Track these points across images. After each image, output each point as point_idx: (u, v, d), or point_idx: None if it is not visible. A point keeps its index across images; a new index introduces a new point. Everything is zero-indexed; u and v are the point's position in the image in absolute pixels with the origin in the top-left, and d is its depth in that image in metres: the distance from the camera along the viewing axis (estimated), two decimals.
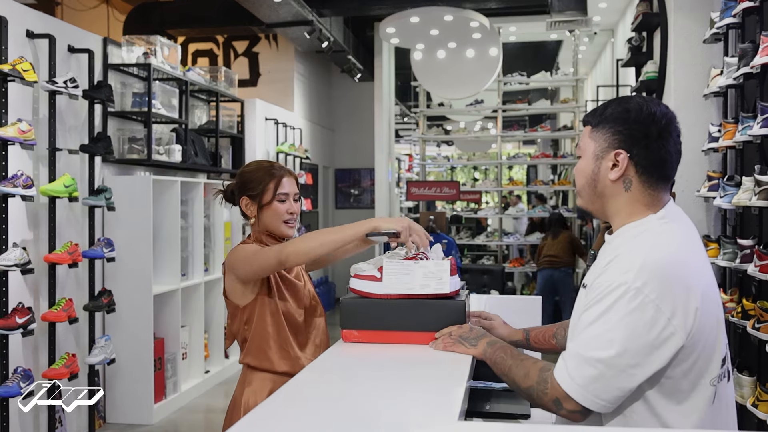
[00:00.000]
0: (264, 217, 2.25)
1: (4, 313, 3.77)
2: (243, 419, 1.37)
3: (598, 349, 1.43)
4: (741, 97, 3.82)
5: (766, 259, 3.20)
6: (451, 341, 1.81)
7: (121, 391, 5.00)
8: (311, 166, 10.13)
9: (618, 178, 1.54)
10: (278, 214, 2.24)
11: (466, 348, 1.78)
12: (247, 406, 2.17)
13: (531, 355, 1.69)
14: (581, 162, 1.61)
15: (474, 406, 1.81)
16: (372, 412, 1.43)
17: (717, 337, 1.48)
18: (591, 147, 1.58)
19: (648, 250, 1.45)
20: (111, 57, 5.11)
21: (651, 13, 5.23)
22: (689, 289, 1.43)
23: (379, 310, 1.89)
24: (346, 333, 1.91)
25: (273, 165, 2.29)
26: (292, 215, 2.25)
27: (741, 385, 3.45)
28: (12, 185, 3.73)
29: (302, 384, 1.67)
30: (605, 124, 1.56)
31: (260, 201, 2.24)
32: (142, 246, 4.95)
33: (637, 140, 1.52)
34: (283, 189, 2.24)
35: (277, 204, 2.24)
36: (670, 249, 1.46)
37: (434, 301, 1.87)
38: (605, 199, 1.58)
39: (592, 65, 10.69)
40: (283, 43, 9.52)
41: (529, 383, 1.56)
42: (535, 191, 10.35)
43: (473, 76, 8.04)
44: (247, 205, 2.27)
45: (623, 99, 1.60)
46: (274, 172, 2.25)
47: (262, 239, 2.27)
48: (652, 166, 1.53)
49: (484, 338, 1.78)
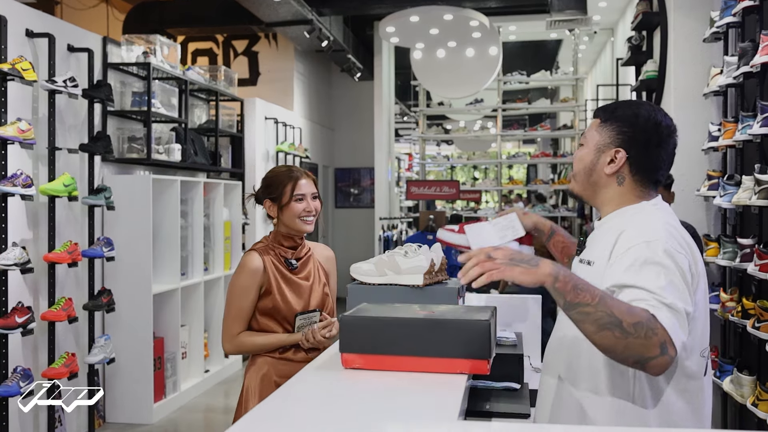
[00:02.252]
0: (284, 217, 2.48)
1: (4, 312, 3.77)
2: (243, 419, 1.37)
3: (673, 296, 1.46)
4: (741, 96, 3.81)
5: (766, 258, 3.20)
6: (499, 266, 1.46)
7: (121, 390, 5.00)
8: (311, 165, 10.12)
9: (613, 173, 1.69)
10: (296, 213, 2.47)
11: (525, 270, 1.45)
12: (248, 390, 2.45)
13: None
14: (583, 150, 1.75)
15: (474, 406, 1.80)
16: (372, 411, 1.42)
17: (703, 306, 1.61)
18: (595, 139, 1.72)
19: (654, 221, 1.61)
20: (110, 56, 5.11)
21: (651, 12, 5.22)
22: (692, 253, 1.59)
23: (388, 331, 1.60)
24: (347, 358, 1.63)
25: (291, 169, 2.54)
26: (309, 213, 2.48)
27: (741, 385, 3.45)
28: (11, 184, 3.73)
29: (302, 383, 1.67)
30: (614, 122, 1.70)
31: (280, 202, 2.48)
32: (142, 245, 4.95)
33: (638, 144, 1.67)
34: (300, 190, 2.48)
35: (295, 204, 2.47)
36: (669, 222, 1.63)
37: (454, 321, 1.58)
38: (598, 188, 1.72)
39: (592, 64, 10.69)
40: (282, 43, 9.51)
41: (637, 319, 1.40)
42: (534, 190, 10.34)
43: (473, 75, 8.03)
44: (270, 207, 2.52)
45: (635, 103, 1.75)
46: (291, 175, 2.50)
47: (280, 240, 2.52)
48: (646, 169, 1.68)
49: (543, 259, 1.49)
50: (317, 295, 2.53)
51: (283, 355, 2.45)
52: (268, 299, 2.45)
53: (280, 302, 2.44)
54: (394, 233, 8.92)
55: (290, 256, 2.51)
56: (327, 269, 2.63)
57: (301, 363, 2.25)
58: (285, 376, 2.26)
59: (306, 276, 2.53)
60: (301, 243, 2.56)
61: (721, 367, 3.71)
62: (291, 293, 2.47)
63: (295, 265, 2.50)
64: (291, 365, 2.40)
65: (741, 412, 3.60)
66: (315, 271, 2.56)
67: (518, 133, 9.50)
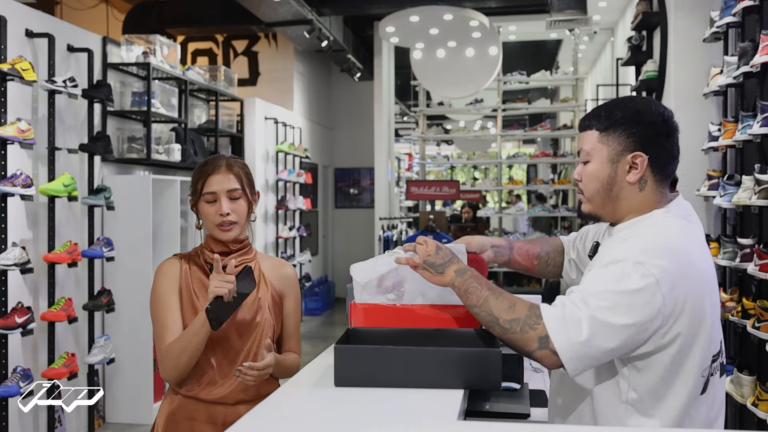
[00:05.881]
0: (203, 220, 2.03)
1: (4, 312, 3.76)
2: (244, 418, 1.36)
3: (595, 298, 1.46)
4: (741, 96, 3.81)
5: (766, 258, 3.19)
6: (415, 265, 1.69)
7: (121, 390, 4.99)
8: (311, 165, 10.13)
9: (636, 180, 1.57)
10: (208, 217, 2.00)
11: (431, 275, 1.66)
12: (156, 425, 2.04)
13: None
14: (592, 167, 1.61)
15: (474, 406, 1.80)
16: (372, 411, 1.42)
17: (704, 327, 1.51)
18: (604, 151, 1.59)
19: (652, 236, 1.52)
20: (110, 56, 5.11)
21: (651, 12, 5.22)
22: (684, 274, 1.48)
23: (390, 361, 1.50)
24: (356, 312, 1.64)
25: (207, 161, 2.05)
26: (223, 217, 1.97)
27: (741, 385, 3.45)
28: (11, 184, 3.72)
29: (301, 384, 1.67)
30: (617, 127, 1.58)
31: (193, 202, 2.05)
32: (142, 245, 4.95)
33: (651, 140, 1.56)
34: (210, 188, 1.98)
35: (204, 205, 2.00)
36: (670, 238, 1.52)
37: (464, 350, 1.54)
38: (619, 201, 1.60)
39: (592, 64, 10.68)
40: (282, 43, 9.51)
41: (514, 316, 1.50)
42: (534, 190, 10.34)
43: (473, 75, 8.03)
44: (192, 207, 2.07)
45: (627, 100, 1.63)
46: (203, 169, 2.02)
47: (210, 245, 2.06)
48: (664, 164, 1.58)
49: (452, 265, 1.64)
50: (248, 311, 2.00)
51: (190, 393, 1.96)
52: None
53: (191, 315, 1.96)
54: (394, 233, 8.92)
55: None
56: (280, 289, 2.10)
57: (211, 404, 1.94)
58: (192, 418, 1.95)
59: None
60: (237, 250, 2.05)
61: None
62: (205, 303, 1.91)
63: None
64: (199, 405, 1.96)
65: (741, 412, 3.60)
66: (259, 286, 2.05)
67: (518, 133, 9.49)
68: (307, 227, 9.31)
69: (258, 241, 7.71)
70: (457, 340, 1.64)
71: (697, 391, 1.51)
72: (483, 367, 1.51)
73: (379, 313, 1.71)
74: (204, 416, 1.95)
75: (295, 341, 2.14)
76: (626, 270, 1.45)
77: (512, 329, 1.49)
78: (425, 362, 1.52)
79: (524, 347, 1.49)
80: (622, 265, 1.47)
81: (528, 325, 1.47)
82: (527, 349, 1.48)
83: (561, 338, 1.45)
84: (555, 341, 1.45)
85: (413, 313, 1.70)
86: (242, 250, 2.06)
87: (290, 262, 8.38)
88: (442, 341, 1.64)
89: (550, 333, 1.46)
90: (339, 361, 1.54)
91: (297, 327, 2.14)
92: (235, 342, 1.98)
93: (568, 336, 1.44)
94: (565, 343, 1.44)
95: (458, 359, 1.51)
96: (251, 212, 2.07)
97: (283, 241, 8.46)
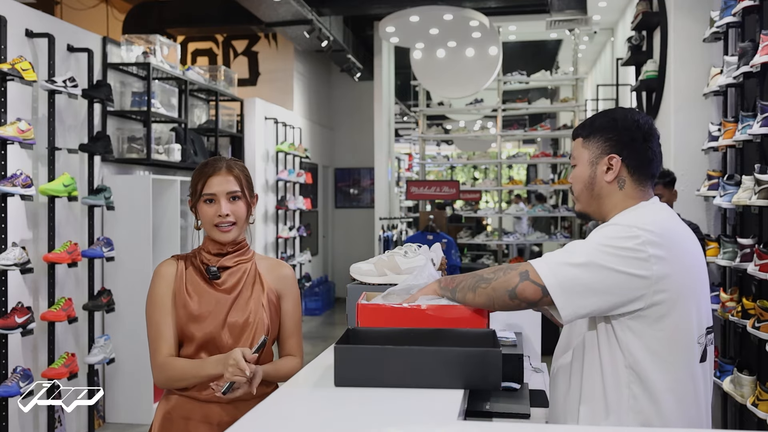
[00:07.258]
0: (202, 221, 2.06)
1: (4, 312, 3.76)
2: (244, 418, 1.36)
3: (584, 247, 1.61)
4: (741, 96, 3.81)
5: (766, 258, 3.19)
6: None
7: (121, 390, 5.00)
8: (311, 165, 10.13)
9: (613, 179, 1.75)
10: (206, 218, 2.03)
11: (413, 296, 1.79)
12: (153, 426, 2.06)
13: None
14: (577, 169, 1.81)
15: (474, 406, 1.80)
16: (373, 411, 1.42)
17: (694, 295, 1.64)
18: (585, 155, 1.79)
19: (641, 215, 1.68)
20: (110, 56, 5.11)
21: (651, 12, 5.22)
22: (672, 241, 1.62)
23: (390, 361, 1.52)
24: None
25: (207, 163, 2.07)
26: (222, 218, 2.00)
27: (741, 385, 3.45)
28: (11, 184, 3.72)
29: (301, 384, 1.67)
30: (596, 134, 1.78)
31: (192, 203, 2.08)
32: (142, 245, 4.95)
33: (626, 144, 1.74)
34: (209, 189, 2.02)
35: (204, 206, 2.03)
36: (659, 216, 1.69)
37: (464, 350, 1.54)
38: (602, 199, 1.77)
39: (592, 64, 10.68)
40: (282, 43, 9.51)
41: (495, 269, 1.68)
42: (534, 190, 10.34)
43: (473, 75, 8.02)
44: (191, 208, 2.10)
45: (610, 111, 1.85)
46: (203, 170, 2.05)
47: (208, 247, 2.07)
48: (641, 165, 1.75)
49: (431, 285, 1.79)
50: (240, 312, 2.00)
51: (185, 392, 1.97)
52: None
53: (182, 316, 1.98)
54: (394, 233, 8.92)
55: (214, 264, 2.04)
56: (277, 289, 2.09)
57: (206, 403, 1.95)
58: (187, 417, 1.96)
59: (229, 288, 2.02)
60: (233, 251, 2.07)
61: (721, 367, 3.71)
62: (200, 305, 1.98)
63: (215, 273, 2.02)
64: (194, 405, 1.97)
65: (741, 412, 3.60)
66: (248, 286, 2.04)
67: (518, 133, 9.48)
68: (307, 227, 9.31)
69: (258, 241, 7.71)
70: (457, 340, 1.64)
71: (697, 358, 1.63)
72: (483, 367, 1.51)
73: (385, 314, 1.71)
74: (199, 416, 1.97)
75: (296, 342, 2.13)
76: (618, 231, 1.61)
77: (495, 276, 1.65)
78: (425, 362, 1.52)
79: (508, 286, 1.61)
80: (613, 227, 1.63)
81: (510, 268, 1.65)
82: (511, 287, 1.61)
83: (543, 266, 1.60)
84: (538, 269, 1.59)
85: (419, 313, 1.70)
86: (239, 251, 2.08)
87: (290, 262, 8.40)
88: (442, 341, 1.63)
89: (533, 264, 1.61)
90: (339, 361, 1.55)
91: (297, 327, 2.13)
92: (228, 342, 1.98)
93: (550, 261, 1.60)
94: (545, 268, 1.59)
95: (458, 359, 1.51)
96: (250, 214, 2.08)
97: (283, 241, 8.46)
